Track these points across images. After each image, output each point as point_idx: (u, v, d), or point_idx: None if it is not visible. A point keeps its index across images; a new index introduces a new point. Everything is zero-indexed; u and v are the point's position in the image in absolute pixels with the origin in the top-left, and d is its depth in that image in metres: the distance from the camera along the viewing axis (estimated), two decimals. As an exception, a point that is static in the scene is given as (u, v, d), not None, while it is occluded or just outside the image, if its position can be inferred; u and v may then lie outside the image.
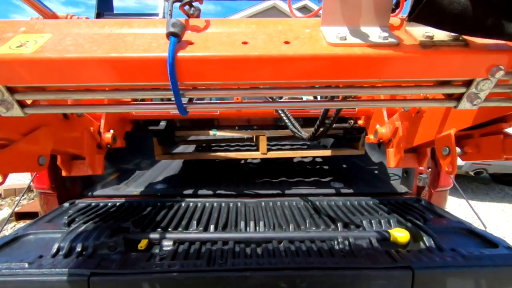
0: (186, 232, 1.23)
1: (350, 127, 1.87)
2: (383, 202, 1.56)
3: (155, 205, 1.55)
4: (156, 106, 0.76)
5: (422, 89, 0.69)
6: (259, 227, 1.31)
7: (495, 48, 0.61)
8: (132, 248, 1.13)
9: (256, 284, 0.93)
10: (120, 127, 1.65)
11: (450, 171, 1.04)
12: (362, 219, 1.34)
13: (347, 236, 1.16)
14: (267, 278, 0.93)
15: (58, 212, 1.49)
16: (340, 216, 1.39)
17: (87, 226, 1.24)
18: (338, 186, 1.88)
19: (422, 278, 0.93)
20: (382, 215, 1.40)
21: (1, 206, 3.81)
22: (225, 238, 1.17)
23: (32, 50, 0.59)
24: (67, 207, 1.55)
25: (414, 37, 0.63)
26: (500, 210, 4.32)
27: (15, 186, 4.40)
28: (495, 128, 0.95)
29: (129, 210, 1.49)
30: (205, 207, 1.52)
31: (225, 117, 1.86)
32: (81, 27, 0.68)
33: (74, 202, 1.61)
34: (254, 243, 1.16)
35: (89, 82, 0.62)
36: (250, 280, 0.93)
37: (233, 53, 0.59)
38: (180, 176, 2.29)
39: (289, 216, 1.40)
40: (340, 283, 0.94)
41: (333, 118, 1.19)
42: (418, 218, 1.33)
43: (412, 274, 0.93)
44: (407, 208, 1.49)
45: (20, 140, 0.91)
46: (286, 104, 0.77)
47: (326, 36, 0.63)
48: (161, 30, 0.65)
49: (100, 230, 1.19)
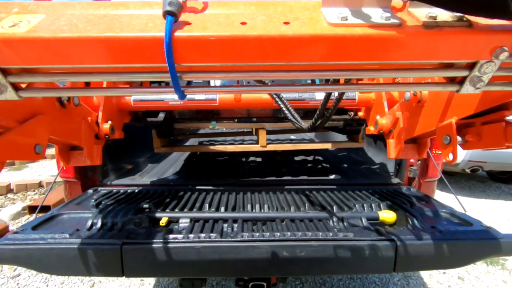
0: (200, 212, 1.36)
1: (350, 119, 1.85)
2: (375, 191, 1.68)
3: (170, 192, 1.69)
4: (154, 89, 0.74)
5: (424, 72, 0.68)
6: (264, 209, 1.42)
7: (499, 28, 0.59)
8: (154, 224, 1.27)
9: (262, 252, 1.07)
10: (119, 118, 1.63)
11: (451, 161, 1.04)
12: (356, 204, 1.44)
13: (341, 216, 1.29)
14: (271, 247, 1.07)
15: (85, 197, 1.65)
16: (336, 201, 1.51)
17: (114, 207, 1.37)
18: (336, 178, 2.00)
19: (403, 249, 1.08)
20: (373, 200, 1.50)
21: (14, 200, 4.02)
22: (235, 217, 1.29)
23: (25, 29, 0.58)
24: (91, 193, 1.71)
25: (417, 18, 0.61)
26: (495, 207, 4.38)
27: (26, 182, 4.62)
28: (497, 116, 0.94)
29: (147, 196, 1.63)
30: (215, 193, 1.65)
31: (224, 108, 1.85)
32: (76, 8, 0.66)
33: (97, 189, 1.76)
34: (260, 221, 1.29)
35: (83, 64, 0.61)
36: (257, 249, 1.07)
37: (231, 33, 0.58)
38: (189, 168, 2.38)
39: (290, 201, 1.52)
40: (333, 252, 1.07)
41: (333, 107, 1.18)
42: (405, 203, 1.45)
43: (395, 245, 1.08)
44: (397, 195, 1.60)
45: (16, 127, 0.90)
46: (285, 88, 0.76)
47: (326, 17, 0.61)
48: (158, 11, 0.64)
49: (126, 209, 1.33)
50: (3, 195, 4.27)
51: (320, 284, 2.41)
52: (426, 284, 2.49)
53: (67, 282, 2.40)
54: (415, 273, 2.61)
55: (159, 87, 0.74)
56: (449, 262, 1.13)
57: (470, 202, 4.57)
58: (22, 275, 2.54)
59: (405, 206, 1.38)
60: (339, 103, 1.18)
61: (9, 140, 0.87)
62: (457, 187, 5.27)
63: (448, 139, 1.02)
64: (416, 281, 2.52)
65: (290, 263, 1.08)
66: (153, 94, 1.37)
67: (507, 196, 4.91)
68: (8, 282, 2.47)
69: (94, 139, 1.41)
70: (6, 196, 4.25)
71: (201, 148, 2.23)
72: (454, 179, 5.71)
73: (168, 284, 2.40)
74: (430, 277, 2.59)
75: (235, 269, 1.10)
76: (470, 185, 5.48)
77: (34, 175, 5.59)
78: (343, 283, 2.45)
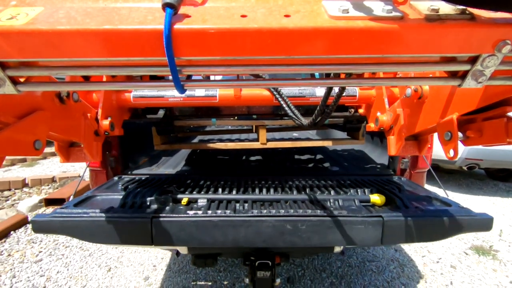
0: (215, 194, 1.55)
1: (351, 116, 1.85)
2: (370, 180, 1.84)
3: (186, 179, 1.87)
4: (154, 83, 0.74)
5: (426, 66, 0.68)
6: (270, 192, 1.62)
7: (502, 21, 0.58)
8: (176, 204, 1.46)
9: (269, 225, 1.24)
10: (118, 115, 1.63)
11: (452, 157, 1.03)
12: (351, 189, 1.62)
13: (337, 198, 1.47)
14: (277, 221, 1.25)
15: (112, 183, 1.85)
16: (334, 187, 1.70)
17: (140, 190, 1.55)
18: (334, 169, 2.21)
19: (389, 224, 1.25)
20: (367, 186, 1.67)
21: (30, 194, 4.40)
22: (245, 198, 1.49)
23: (23, 22, 0.57)
24: (117, 180, 1.90)
25: (419, 11, 0.61)
26: (491, 203, 4.51)
27: (40, 177, 4.98)
28: (499, 111, 0.93)
29: (167, 181, 1.81)
30: (226, 181, 1.83)
31: (224, 105, 1.84)
32: (74, 0, 0.65)
33: (121, 177, 1.95)
34: (266, 202, 1.48)
35: (82, 57, 0.60)
36: (265, 223, 1.24)
37: (231, 25, 0.57)
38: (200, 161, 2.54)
39: (293, 187, 1.71)
40: (330, 226, 1.25)
41: (333, 103, 1.17)
42: (394, 189, 1.62)
43: (382, 221, 1.25)
44: (388, 183, 1.77)
45: (15, 123, 0.90)
46: (285, 83, 0.75)
47: (328, 10, 0.61)
48: (157, 4, 0.63)
49: (152, 191, 1.51)
50: (19, 189, 4.58)
51: (321, 271, 2.55)
52: (420, 272, 2.59)
53: (86, 267, 2.60)
54: (409, 260, 2.78)
55: (159, 80, 0.73)
56: (429, 235, 1.30)
57: (467, 199, 4.67)
58: (44, 260, 2.74)
59: (394, 191, 1.55)
60: (340, 99, 1.18)
61: (8, 136, 0.87)
62: (455, 185, 5.42)
63: (449, 135, 1.02)
64: (410, 269, 2.63)
65: (293, 235, 1.25)
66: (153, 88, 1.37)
67: (503, 193, 5.02)
68: (32, 266, 2.64)
69: (93, 135, 1.40)
70: (22, 190, 4.56)
71: (201, 146, 2.23)
72: (453, 177, 5.88)
73: (179, 270, 2.58)
74: (424, 265, 2.72)
75: (246, 240, 1.26)
76: (468, 182, 5.62)
77: (46, 171, 5.91)
78: (342, 270, 2.59)
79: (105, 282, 2.39)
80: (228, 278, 2.45)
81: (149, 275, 2.51)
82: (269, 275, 1.53)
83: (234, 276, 2.46)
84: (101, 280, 2.41)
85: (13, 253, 2.84)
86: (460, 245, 3.14)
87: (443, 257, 2.89)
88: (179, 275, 2.50)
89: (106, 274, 2.50)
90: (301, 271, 2.55)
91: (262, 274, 1.53)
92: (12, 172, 5.98)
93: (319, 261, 2.73)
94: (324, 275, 2.50)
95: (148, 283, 2.40)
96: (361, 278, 2.46)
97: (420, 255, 2.92)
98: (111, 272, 2.53)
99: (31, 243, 3.04)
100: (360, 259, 2.79)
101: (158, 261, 2.73)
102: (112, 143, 1.94)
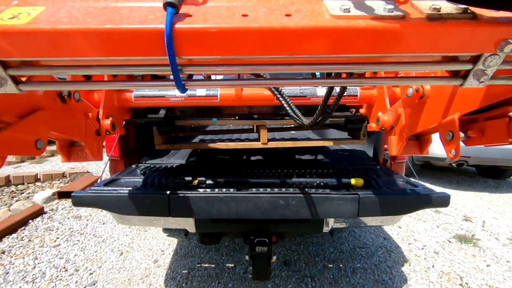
0: (220, 178, 1.78)
1: (352, 115, 1.84)
2: (354, 168, 2.09)
3: (194, 168, 2.12)
4: (155, 83, 0.74)
5: (427, 66, 0.67)
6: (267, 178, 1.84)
7: (504, 21, 0.58)
8: (188, 184, 1.70)
9: (266, 200, 1.49)
10: (119, 115, 1.63)
11: (453, 157, 1.03)
12: (336, 175, 1.87)
13: (322, 181, 1.73)
14: (272, 198, 1.49)
15: (131, 169, 2.11)
16: (321, 173, 1.94)
17: (158, 173, 1.84)
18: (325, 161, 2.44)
19: (364, 200, 1.48)
20: (350, 173, 1.91)
21: (43, 188, 4.82)
22: (245, 181, 1.73)
23: (25, 21, 0.57)
24: (135, 168, 2.15)
25: (421, 10, 0.61)
26: (479, 198, 4.75)
27: (51, 172, 5.35)
28: (501, 111, 0.93)
29: (178, 169, 2.07)
30: (229, 168, 2.08)
31: (225, 104, 1.84)
32: (76, 0, 0.65)
33: (138, 165, 2.21)
34: (264, 184, 1.71)
35: (83, 56, 0.60)
36: (262, 198, 1.49)
37: (232, 25, 0.57)
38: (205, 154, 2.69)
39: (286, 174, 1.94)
40: (315, 201, 1.48)
41: (334, 103, 1.17)
42: (373, 174, 1.85)
43: (359, 198, 1.48)
44: (369, 170, 2.02)
45: (17, 123, 0.90)
46: (286, 82, 0.75)
47: (329, 9, 0.61)
48: (158, 3, 0.63)
49: (167, 175, 1.79)
50: (31, 183, 4.98)
51: (314, 256, 2.82)
52: (406, 257, 2.85)
53: (100, 251, 2.88)
54: (396, 247, 3.04)
55: (160, 80, 0.73)
56: (398, 209, 1.55)
57: (457, 194, 4.91)
58: (62, 245, 3.00)
59: (372, 176, 1.80)
60: (341, 99, 1.18)
61: (9, 135, 0.87)
62: (446, 181, 5.72)
63: (450, 135, 1.01)
64: (397, 255, 2.89)
65: (285, 208, 1.49)
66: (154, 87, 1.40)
67: (492, 189, 5.27)
68: (51, 250, 2.90)
69: (95, 135, 1.40)
70: (35, 184, 4.97)
71: (202, 146, 2.24)
72: (445, 175, 6.18)
73: (184, 254, 2.83)
74: (410, 251, 2.97)
75: (246, 212, 1.50)
76: (458, 179, 5.92)
77: (55, 167, 6.26)
78: (334, 255, 2.85)
79: (118, 264, 2.65)
80: (229, 261, 2.69)
81: (158, 258, 2.74)
82: (266, 250, 1.77)
83: (235, 260, 2.71)
84: (114, 262, 2.67)
85: (33, 239, 3.09)
86: (444, 234, 3.37)
87: (428, 244, 3.10)
88: (185, 258, 2.74)
89: (119, 257, 2.75)
90: (296, 256, 2.80)
91: (260, 249, 1.77)
92: (22, 168, 6.24)
93: (313, 247, 2.95)
94: (317, 259, 2.74)
95: (157, 265, 2.64)
96: (351, 262, 2.70)
97: (406, 242, 3.14)
98: (123, 256, 2.78)
99: (49, 230, 3.32)
100: (351, 246, 3.01)
101: (166, 247, 2.96)
102: (129, 136, 2.19)
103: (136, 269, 2.56)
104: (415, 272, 2.58)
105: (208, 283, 2.37)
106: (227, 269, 2.57)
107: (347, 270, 2.57)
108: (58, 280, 2.39)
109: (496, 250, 3.04)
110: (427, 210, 4.07)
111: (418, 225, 3.59)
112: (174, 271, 2.53)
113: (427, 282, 2.44)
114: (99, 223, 3.54)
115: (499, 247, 3.10)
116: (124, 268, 2.58)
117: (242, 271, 2.53)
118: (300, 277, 2.46)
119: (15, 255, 2.76)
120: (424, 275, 2.53)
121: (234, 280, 2.40)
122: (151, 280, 2.41)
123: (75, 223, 3.54)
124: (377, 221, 1.85)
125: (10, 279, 2.40)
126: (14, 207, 3.82)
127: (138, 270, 2.56)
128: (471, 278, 2.52)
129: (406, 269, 2.63)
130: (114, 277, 2.45)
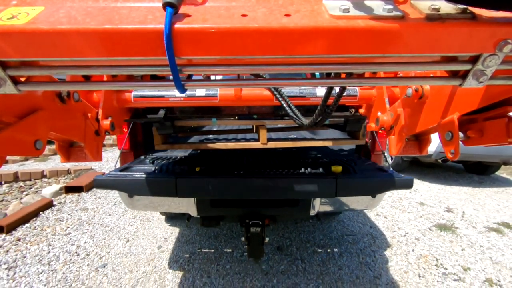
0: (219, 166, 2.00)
1: (351, 116, 1.85)
2: (337, 159, 2.28)
3: (198, 160, 2.27)
4: (154, 83, 0.74)
5: (427, 66, 0.67)
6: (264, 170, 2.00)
7: (503, 21, 0.58)
8: (192, 170, 1.88)
9: (259, 183, 1.75)
10: (119, 115, 1.63)
11: (453, 157, 1.03)
12: (320, 164, 2.05)
13: (308, 168, 1.93)
14: (264, 181, 1.75)
15: (140, 160, 2.32)
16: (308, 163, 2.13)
17: (165, 162, 2.08)
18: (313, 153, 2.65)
19: (341, 182, 1.73)
20: (331, 162, 2.13)
21: (50, 183, 5.14)
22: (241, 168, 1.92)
23: (24, 21, 0.57)
24: (144, 158, 2.37)
25: (420, 10, 0.61)
26: (463, 192, 5.08)
27: (57, 169, 5.68)
28: (500, 111, 0.93)
29: (182, 159, 2.24)
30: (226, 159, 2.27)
31: (224, 105, 1.84)
32: (75, 0, 0.65)
33: (146, 156, 2.43)
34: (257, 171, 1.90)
35: (82, 56, 0.60)
36: (255, 182, 1.75)
37: (232, 25, 0.57)
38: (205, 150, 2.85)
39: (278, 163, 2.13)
40: (300, 184, 1.72)
41: (334, 103, 1.17)
42: (352, 163, 2.06)
43: (336, 180, 1.73)
44: (349, 160, 2.20)
45: (16, 123, 0.90)
46: (286, 82, 0.75)
47: (328, 9, 0.61)
48: (157, 4, 0.63)
49: (173, 163, 2.06)
50: (38, 179, 5.33)
51: (305, 242, 3.08)
52: (389, 243, 3.15)
53: (107, 239, 3.15)
54: (381, 234, 3.33)
55: (160, 80, 0.73)
56: (368, 190, 1.82)
57: (442, 189, 5.22)
58: (72, 234, 3.27)
59: (350, 164, 2.01)
60: (340, 99, 1.18)
61: (9, 135, 0.87)
62: (434, 177, 6.04)
63: (450, 136, 1.01)
64: (381, 241, 3.18)
65: (274, 189, 1.75)
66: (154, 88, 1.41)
67: (476, 184, 5.60)
68: (63, 237, 3.18)
69: (94, 135, 1.40)
70: (42, 180, 5.31)
71: (202, 146, 2.24)
72: (433, 171, 6.50)
73: (186, 241, 3.08)
74: (393, 238, 3.26)
75: (241, 192, 1.77)
76: (445, 175, 6.24)
77: (59, 165, 6.45)
78: (323, 241, 3.12)
79: (125, 249, 2.93)
80: (227, 247, 2.97)
81: (162, 245, 3.03)
82: (259, 231, 1.99)
83: (233, 245, 3.00)
84: (121, 248, 2.96)
85: (45, 228, 3.39)
86: (426, 223, 3.67)
87: (410, 232, 3.42)
88: (186, 245, 3.03)
89: (126, 244, 3.04)
90: (289, 242, 3.08)
91: (254, 229, 1.99)
92: (27, 166, 6.49)
93: (305, 235, 3.24)
94: (308, 245, 3.02)
95: (161, 250, 2.92)
96: (338, 247, 3.00)
97: (391, 230, 3.44)
98: (130, 243, 3.07)
99: (59, 221, 3.60)
100: (340, 234, 3.30)
101: (169, 235, 3.24)
102: (137, 131, 2.43)
103: (141, 254, 2.83)
104: (396, 255, 2.87)
105: (208, 265, 2.63)
106: (225, 253, 2.84)
107: (335, 254, 2.85)
108: (71, 263, 2.67)
109: (472, 236, 3.32)
110: (412, 202, 4.45)
111: (403, 216, 3.90)
112: (177, 256, 2.80)
113: (406, 263, 2.73)
114: (106, 214, 3.81)
115: (475, 234, 3.39)
116: (131, 253, 2.86)
117: (239, 255, 2.81)
118: (292, 259, 2.74)
119: (30, 242, 3.04)
120: (404, 258, 2.83)
121: (231, 263, 2.68)
122: (156, 263, 2.68)
123: (83, 214, 3.80)
124: (358, 204, 2.08)
125: (28, 262, 2.67)
126: (25, 200, 4.11)
127: (144, 254, 2.82)
128: (446, 259, 2.81)
129: (388, 252, 2.92)
130: (122, 261, 2.72)
